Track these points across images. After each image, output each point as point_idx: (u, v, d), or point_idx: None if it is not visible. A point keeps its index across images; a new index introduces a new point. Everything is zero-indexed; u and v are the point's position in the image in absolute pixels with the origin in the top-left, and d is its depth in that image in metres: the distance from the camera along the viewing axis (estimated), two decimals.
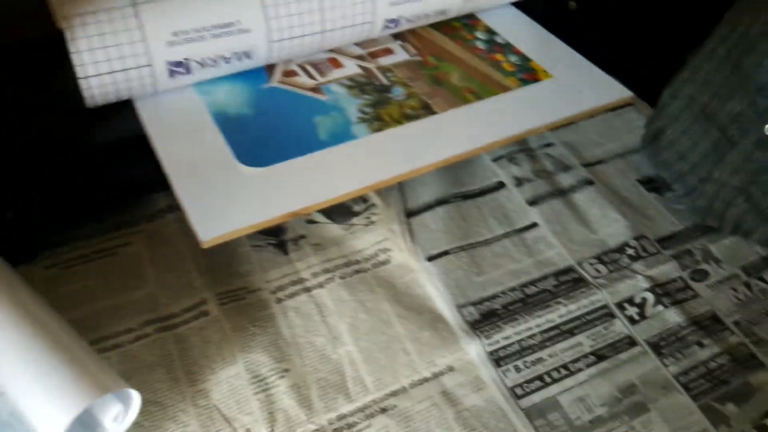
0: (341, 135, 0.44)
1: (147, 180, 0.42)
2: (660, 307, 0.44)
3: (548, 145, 0.54)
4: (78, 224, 0.46)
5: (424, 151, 0.43)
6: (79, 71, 0.41)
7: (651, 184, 0.51)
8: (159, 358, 0.40)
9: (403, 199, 0.49)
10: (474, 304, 0.43)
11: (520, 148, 0.53)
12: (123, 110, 0.44)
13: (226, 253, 0.45)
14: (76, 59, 0.40)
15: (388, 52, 0.51)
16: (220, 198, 0.39)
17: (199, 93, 0.46)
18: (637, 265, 0.46)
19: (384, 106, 0.46)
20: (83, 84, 0.41)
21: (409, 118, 0.45)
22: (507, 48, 0.51)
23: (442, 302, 0.43)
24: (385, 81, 0.48)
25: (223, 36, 0.43)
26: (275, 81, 0.47)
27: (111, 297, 0.43)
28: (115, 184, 0.45)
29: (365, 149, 0.43)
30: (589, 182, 0.51)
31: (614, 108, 0.56)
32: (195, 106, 0.45)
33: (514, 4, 0.56)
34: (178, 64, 0.43)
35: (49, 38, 0.41)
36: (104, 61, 0.41)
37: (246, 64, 0.46)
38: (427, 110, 0.46)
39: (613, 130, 0.56)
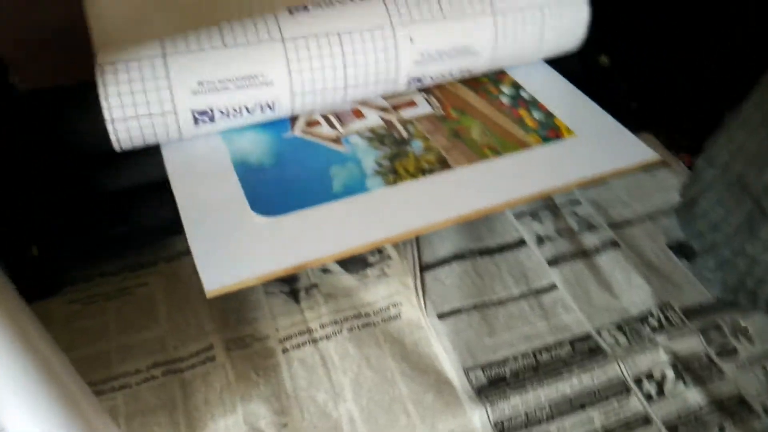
0: (355, 187, 0.44)
1: (170, 222, 0.43)
2: (681, 385, 0.41)
3: (574, 202, 0.53)
4: (102, 262, 0.48)
5: (438, 207, 0.43)
6: (106, 114, 0.42)
7: (681, 249, 0.49)
8: (163, 401, 0.40)
9: (419, 253, 0.49)
10: (482, 367, 0.42)
11: (545, 205, 0.52)
12: (150, 155, 0.46)
13: (239, 298, 0.46)
14: (104, 103, 0.42)
15: (412, 104, 0.51)
16: (231, 246, 0.40)
17: (225, 141, 0.47)
18: (660, 337, 0.43)
19: (401, 159, 0.46)
20: (110, 127, 0.43)
21: (425, 172, 0.45)
22: (532, 103, 0.51)
23: (449, 363, 0.42)
24: (404, 134, 0.48)
25: (247, 87, 0.45)
26: (298, 131, 0.48)
27: (124, 336, 0.44)
28: (138, 225, 0.47)
29: (378, 203, 0.43)
30: (615, 244, 0.49)
31: (646, 167, 0.54)
32: (218, 153, 0.46)
33: (546, 61, 0.55)
34: (203, 112, 0.44)
35: (81, 85, 0.43)
36: (131, 105, 0.43)
37: (269, 115, 0.47)
38: (444, 165, 0.45)
39: (643, 189, 0.54)
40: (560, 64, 0.55)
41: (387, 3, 0.47)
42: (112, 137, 0.43)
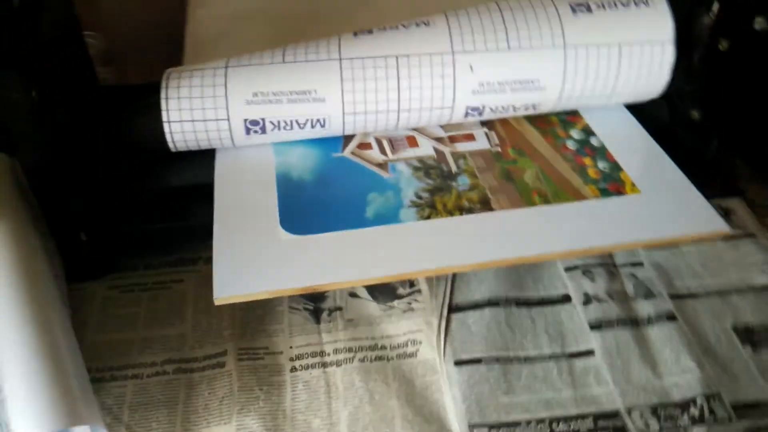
0: (387, 217, 0.43)
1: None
2: None
3: (636, 264, 0.48)
4: (147, 255, 0.50)
5: (469, 248, 0.41)
6: (164, 116, 0.44)
7: (747, 335, 0.43)
8: (167, 397, 0.41)
9: (452, 291, 0.47)
10: (490, 426, 0.39)
11: (601, 261, 0.48)
12: (205, 158, 0.48)
13: (263, 307, 0.46)
14: (163, 105, 0.44)
15: (470, 138, 0.49)
16: (251, 257, 0.40)
17: (276, 153, 0.48)
18: (698, 430, 0.38)
19: (442, 193, 0.44)
20: (166, 128, 0.45)
21: (464, 210, 0.43)
22: (599, 152, 0.47)
23: (454, 415, 0.40)
24: (453, 168, 0.46)
25: (299, 102, 0.45)
26: (347, 151, 0.48)
27: (149, 328, 0.45)
28: (185, 224, 0.48)
29: (409, 236, 0.42)
30: (672, 317, 0.44)
31: (729, 237, 0.49)
32: (266, 165, 0.47)
33: (627, 105, 0.51)
34: (254, 122, 0.45)
35: (150, 85, 0.46)
36: (188, 109, 0.44)
37: (320, 132, 0.47)
38: (485, 206, 0.43)
39: (720, 262, 0.48)
40: (645, 113, 0.51)
41: (452, 29, 0.46)
42: (168, 138, 0.45)
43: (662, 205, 0.43)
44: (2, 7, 0.39)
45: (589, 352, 0.43)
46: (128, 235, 0.48)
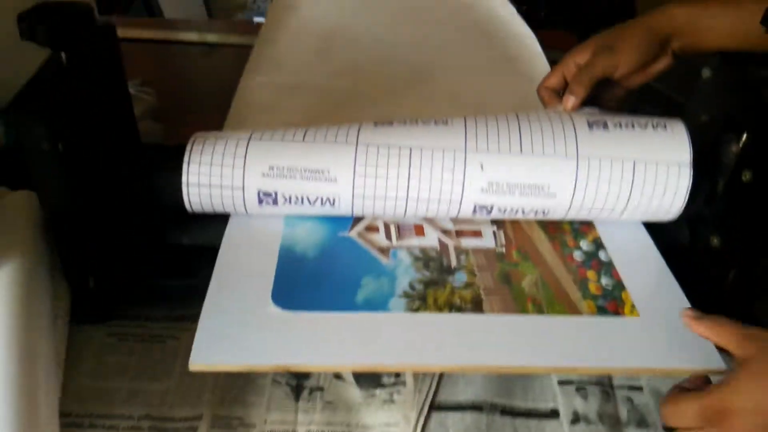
0: (376, 303, 0.43)
1: None
2: None
3: (634, 388, 0.46)
4: (150, 307, 0.51)
5: (455, 350, 0.40)
6: (184, 178, 0.47)
7: None
8: None
9: (437, 388, 0.46)
10: None
11: (597, 380, 0.46)
12: (217, 221, 0.49)
13: (246, 377, 0.46)
14: (185, 168, 0.47)
15: (477, 234, 0.49)
16: (235, 327, 0.41)
17: (286, 224, 0.49)
18: None
19: (436, 287, 0.44)
20: (185, 189, 0.47)
21: (453, 308, 0.42)
22: (605, 268, 0.46)
23: None
24: (454, 262, 0.46)
25: (312, 180, 0.46)
26: (354, 232, 0.49)
27: (137, 380, 0.46)
28: (191, 282, 0.50)
29: (394, 327, 0.41)
30: None
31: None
32: (273, 235, 0.48)
33: (648, 224, 0.50)
34: (267, 194, 0.47)
35: (176, 147, 0.48)
36: (206, 174, 0.47)
37: (329, 210, 0.48)
38: (476, 307, 0.42)
39: None
40: (664, 233, 0.49)
41: (468, 129, 0.47)
42: (185, 199, 0.47)
43: (659, 333, 0.41)
44: (52, 65, 0.43)
45: None
46: (134, 286, 0.49)
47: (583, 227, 0.50)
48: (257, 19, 1.73)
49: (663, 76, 0.53)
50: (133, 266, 0.49)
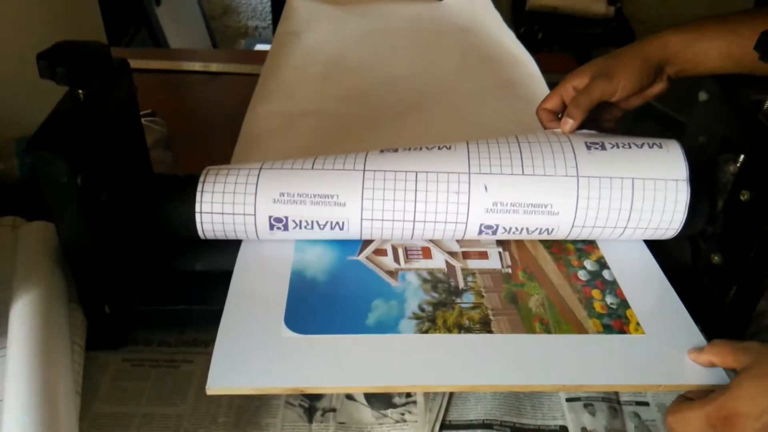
0: (387, 326, 0.44)
1: None
2: None
3: (640, 403, 0.47)
4: (163, 332, 0.53)
5: (465, 370, 0.41)
6: (198, 206, 0.48)
7: None
8: None
9: (447, 407, 0.46)
10: None
11: (604, 396, 0.47)
12: (229, 247, 0.51)
13: (260, 399, 0.47)
14: (198, 197, 0.48)
15: (483, 256, 0.50)
16: (250, 352, 0.42)
17: (296, 250, 0.50)
18: None
19: (444, 309, 0.45)
20: (198, 217, 0.48)
21: (462, 329, 0.43)
22: (610, 287, 0.47)
23: None
24: (461, 284, 0.47)
25: (321, 204, 0.48)
26: (363, 255, 0.50)
27: (152, 405, 0.47)
28: (202, 307, 0.51)
29: (405, 348, 0.42)
30: None
31: None
32: (284, 260, 0.49)
33: (650, 242, 0.51)
34: (278, 219, 0.48)
35: (188, 177, 0.50)
36: (219, 203, 0.48)
37: (338, 234, 0.49)
38: (485, 327, 0.43)
39: None
40: (667, 251, 0.51)
41: (471, 153, 0.48)
42: (198, 226, 0.49)
43: (665, 350, 0.42)
44: (69, 101, 0.45)
45: None
46: (146, 312, 0.50)
47: (587, 247, 0.51)
48: (260, 47, 1.76)
49: (662, 97, 0.54)
50: (147, 292, 0.50)
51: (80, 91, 0.45)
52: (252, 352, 0.42)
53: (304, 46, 0.92)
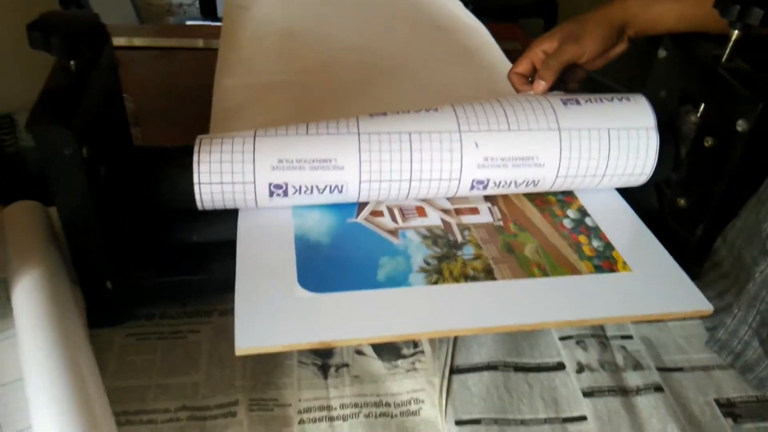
0: (398, 280, 0.46)
1: (232, 279, 0.47)
2: None
3: (625, 337, 0.51)
4: (165, 304, 0.53)
5: (475, 314, 0.44)
6: (195, 178, 0.48)
7: (729, 408, 0.46)
8: None
9: (453, 354, 0.49)
10: None
11: (593, 333, 0.51)
12: (226, 217, 0.51)
13: (273, 361, 0.48)
14: (195, 168, 0.48)
15: (474, 211, 0.53)
16: (270, 312, 0.43)
17: (295, 216, 0.51)
18: None
19: (449, 261, 0.47)
20: (196, 189, 0.48)
21: (468, 278, 0.46)
22: (594, 232, 0.51)
23: None
24: (459, 238, 0.50)
25: (320, 169, 0.49)
26: (361, 218, 0.52)
27: (164, 376, 0.47)
28: (203, 277, 0.51)
29: (416, 299, 0.45)
30: (659, 389, 0.47)
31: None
32: (285, 226, 0.50)
33: (620, 191, 0.55)
34: (278, 186, 0.49)
35: (181, 148, 0.49)
36: (218, 173, 0.48)
37: (338, 197, 0.50)
38: (489, 275, 0.46)
39: (702, 338, 0.51)
40: (635, 198, 0.55)
41: (458, 114, 0.50)
42: (197, 198, 0.49)
43: (652, 284, 0.46)
44: (62, 72, 0.43)
45: (582, 418, 0.45)
46: (148, 285, 0.50)
47: (567, 198, 0.55)
48: (190, 23, 1.71)
49: (623, 57, 0.59)
50: (148, 266, 0.50)
51: (71, 62, 0.44)
52: (272, 312, 0.43)
53: (254, 19, 0.91)
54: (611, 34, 0.56)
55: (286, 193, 0.50)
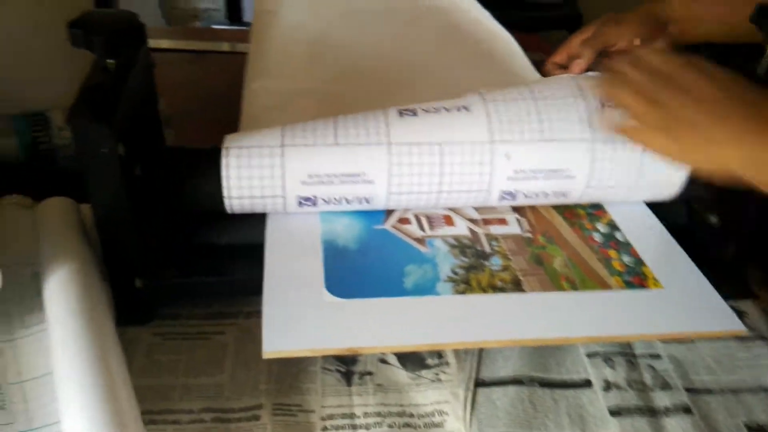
0: (425, 288, 0.46)
1: (258, 282, 0.47)
2: None
3: (654, 356, 0.51)
4: (192, 305, 0.53)
5: (502, 326, 0.44)
6: (225, 192, 0.48)
7: None
8: None
9: (478, 366, 0.49)
10: None
11: (621, 351, 0.51)
12: (255, 219, 0.51)
13: (298, 365, 0.48)
14: (224, 183, 0.48)
15: (502, 222, 0.52)
16: (297, 316, 0.43)
17: (322, 220, 0.51)
18: None
19: (476, 271, 0.47)
20: (227, 202, 0.48)
21: (496, 289, 0.46)
22: (624, 247, 0.50)
23: None
24: (487, 249, 0.49)
25: (349, 183, 0.49)
26: (389, 224, 0.51)
27: (189, 376, 0.47)
28: (230, 280, 0.51)
29: (444, 308, 0.45)
30: (687, 410, 0.46)
31: (742, 337, 0.51)
32: (313, 231, 0.50)
33: (649, 205, 0.55)
34: (307, 199, 0.49)
35: (211, 150, 0.50)
36: (247, 188, 0.48)
37: (365, 207, 0.50)
38: (517, 286, 0.46)
39: (733, 360, 0.50)
40: (666, 214, 0.55)
41: (491, 117, 0.50)
42: (227, 208, 0.49)
43: (682, 302, 0.46)
44: (101, 70, 0.44)
45: None
46: (175, 285, 0.50)
47: (597, 212, 0.54)
48: (216, 27, 1.73)
49: None
50: (177, 266, 0.50)
51: (110, 61, 0.44)
52: (299, 317, 0.43)
53: (282, 25, 0.92)
54: (652, 22, 0.58)
55: (315, 204, 0.50)
